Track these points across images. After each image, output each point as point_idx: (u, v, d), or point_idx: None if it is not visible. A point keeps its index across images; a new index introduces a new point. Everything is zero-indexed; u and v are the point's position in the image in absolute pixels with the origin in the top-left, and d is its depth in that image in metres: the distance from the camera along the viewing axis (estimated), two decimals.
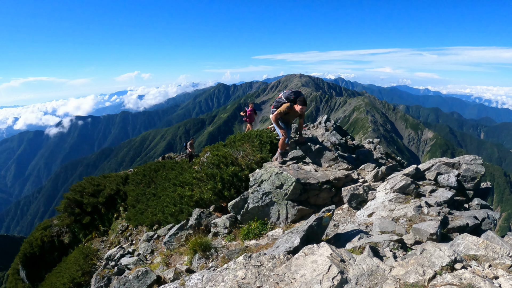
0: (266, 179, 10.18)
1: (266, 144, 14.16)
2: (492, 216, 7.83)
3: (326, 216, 6.08)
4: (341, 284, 4.11)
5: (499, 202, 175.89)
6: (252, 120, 24.77)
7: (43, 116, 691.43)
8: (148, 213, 16.73)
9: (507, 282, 3.95)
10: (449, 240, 5.80)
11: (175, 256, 10.21)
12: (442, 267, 4.12)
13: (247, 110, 24.50)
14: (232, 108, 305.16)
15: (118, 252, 13.30)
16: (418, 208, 7.42)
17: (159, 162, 29.99)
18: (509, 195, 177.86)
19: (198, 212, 11.35)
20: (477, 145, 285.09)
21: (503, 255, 4.46)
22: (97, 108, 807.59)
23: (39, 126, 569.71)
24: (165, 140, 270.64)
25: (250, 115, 24.48)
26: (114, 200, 25.25)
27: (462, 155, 10.92)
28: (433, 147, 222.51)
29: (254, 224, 9.59)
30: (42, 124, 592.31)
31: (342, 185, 10.30)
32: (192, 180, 13.74)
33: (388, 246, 5.59)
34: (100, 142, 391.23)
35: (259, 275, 4.50)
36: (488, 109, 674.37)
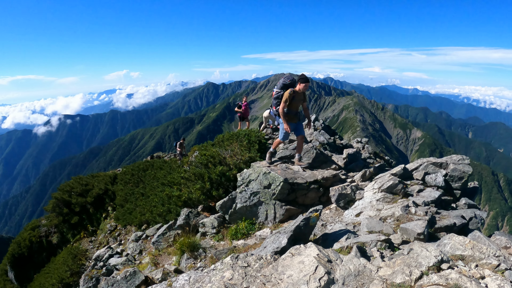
0: (254, 179, 10.17)
1: (254, 143, 14.16)
2: (479, 215, 7.87)
3: (313, 216, 6.07)
4: (328, 285, 4.10)
5: (487, 201, 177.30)
6: (247, 114, 24.67)
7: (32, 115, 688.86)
8: (136, 212, 16.67)
9: (494, 282, 3.97)
10: (436, 240, 5.81)
11: (164, 256, 10.18)
12: (429, 267, 4.12)
13: (242, 105, 24.31)
14: (221, 107, 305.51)
15: (106, 253, 13.24)
16: (406, 207, 7.44)
17: (147, 161, 29.89)
18: (496, 194, 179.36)
19: (187, 212, 11.32)
20: (465, 144, 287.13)
21: (490, 255, 4.48)
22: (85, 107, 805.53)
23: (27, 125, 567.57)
24: (154, 139, 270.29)
25: (245, 109, 24.36)
26: (102, 200, 25.15)
27: (450, 154, 10.99)
28: (421, 147, 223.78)
29: (242, 224, 9.57)
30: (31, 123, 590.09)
31: (330, 184, 10.32)
32: (180, 180, 13.73)
33: (376, 246, 5.59)
34: (89, 141, 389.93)
35: (246, 275, 4.49)
36: (476, 109, 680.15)
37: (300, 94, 10.63)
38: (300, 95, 10.65)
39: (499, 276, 4.07)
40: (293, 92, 10.40)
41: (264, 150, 14.92)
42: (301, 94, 10.64)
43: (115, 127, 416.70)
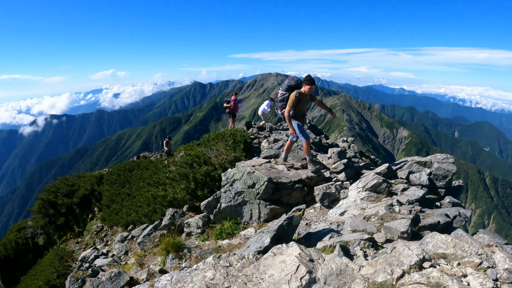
0: (238, 179, 10.13)
1: (239, 143, 14.14)
2: (463, 213, 7.90)
3: (296, 215, 6.06)
4: (310, 284, 4.09)
5: (473, 199, 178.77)
6: (236, 110, 24.66)
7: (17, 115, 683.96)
8: (122, 213, 16.59)
9: (476, 280, 3.98)
10: (420, 238, 5.82)
11: (149, 257, 10.13)
12: (411, 266, 4.13)
13: (231, 100, 24.25)
14: (208, 107, 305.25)
15: (92, 253, 13.16)
16: (390, 206, 7.44)
17: (133, 161, 29.76)
18: (483, 192, 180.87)
19: (172, 212, 11.28)
20: (451, 143, 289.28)
21: (472, 253, 4.49)
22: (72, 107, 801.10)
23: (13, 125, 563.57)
24: (141, 139, 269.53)
25: (234, 105, 24.30)
26: (88, 201, 25.02)
27: (436, 153, 11.03)
28: (408, 146, 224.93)
29: (227, 224, 9.55)
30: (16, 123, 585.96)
31: (315, 184, 10.31)
32: (166, 180, 13.67)
33: (359, 245, 5.58)
34: (75, 141, 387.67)
35: (228, 275, 4.47)
36: (462, 108, 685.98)
37: (306, 96, 10.38)
38: (306, 97, 10.39)
39: (481, 274, 4.09)
40: (299, 94, 10.15)
41: (249, 150, 14.89)
42: (307, 96, 10.37)
43: (101, 127, 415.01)
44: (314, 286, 4.10)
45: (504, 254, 4.40)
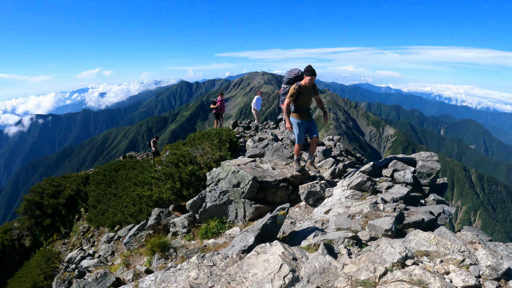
0: (223, 178, 10.13)
1: (225, 142, 14.14)
2: (447, 211, 7.94)
3: (280, 214, 6.06)
4: (293, 283, 4.09)
5: (459, 196, 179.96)
6: (223, 111, 24.40)
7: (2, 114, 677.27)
8: (109, 213, 16.53)
9: (458, 278, 4.00)
10: (405, 236, 5.84)
11: (135, 257, 10.10)
12: (393, 263, 4.14)
13: (218, 101, 24.00)
14: (195, 106, 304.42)
15: (78, 255, 13.12)
16: (374, 204, 7.47)
17: (119, 161, 29.65)
18: (468, 189, 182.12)
19: (157, 212, 11.26)
20: (437, 141, 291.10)
21: (455, 250, 4.50)
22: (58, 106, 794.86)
23: None
24: (127, 139, 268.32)
25: (221, 105, 24.02)
26: (75, 201, 24.89)
27: (422, 151, 11.09)
28: (394, 144, 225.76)
29: (213, 223, 9.55)
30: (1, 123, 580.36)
31: (300, 182, 10.35)
32: (151, 179, 13.64)
33: (343, 243, 5.59)
34: (61, 141, 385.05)
35: (211, 275, 4.47)
36: (448, 106, 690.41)
37: (309, 88, 9.72)
38: (309, 89, 9.74)
39: (464, 271, 4.11)
40: (299, 86, 9.58)
41: (235, 149, 14.88)
42: (309, 88, 9.72)
43: (87, 126, 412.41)
44: (297, 284, 4.10)
45: (486, 251, 4.42)
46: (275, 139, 15.88)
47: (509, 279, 4.16)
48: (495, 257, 4.28)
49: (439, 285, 3.67)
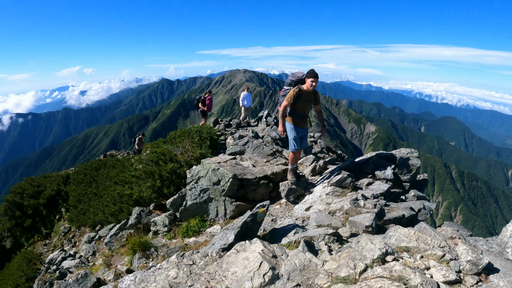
0: (203, 176, 10.10)
1: (206, 140, 14.11)
2: (428, 206, 7.99)
3: (260, 212, 6.04)
4: (273, 280, 4.07)
5: (440, 192, 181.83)
6: (211, 109, 24.00)
7: None
8: (90, 213, 16.38)
9: (439, 273, 4.02)
10: (385, 232, 5.85)
11: (116, 257, 10.03)
12: (373, 260, 4.15)
13: (207, 99, 23.45)
14: (176, 104, 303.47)
15: (59, 255, 12.99)
16: (355, 201, 7.48)
17: (100, 160, 29.43)
18: (449, 185, 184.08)
19: (138, 211, 11.16)
20: (418, 138, 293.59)
21: (435, 246, 4.52)
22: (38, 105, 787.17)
23: None
24: (108, 137, 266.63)
25: (209, 104, 23.56)
26: (55, 201, 24.61)
27: (404, 147, 11.13)
28: (375, 141, 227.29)
29: (193, 222, 9.52)
30: None
31: (280, 179, 10.36)
32: (132, 178, 13.54)
33: (324, 240, 5.59)
34: (42, 140, 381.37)
35: (191, 274, 4.43)
36: (428, 104, 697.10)
37: (309, 94, 9.04)
38: (309, 94, 9.05)
39: (444, 266, 4.13)
40: (300, 90, 8.91)
41: (215, 146, 14.85)
42: (310, 93, 9.04)
43: (68, 125, 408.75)
44: (277, 282, 4.08)
45: (466, 246, 4.44)
46: (256, 136, 15.87)
47: (490, 273, 4.20)
48: (475, 252, 4.30)
49: (420, 281, 3.67)
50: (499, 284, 4.02)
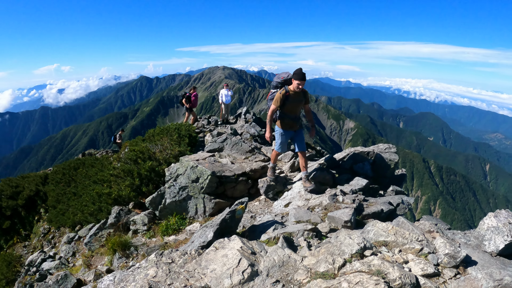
0: (181, 173, 10.08)
1: (184, 137, 14.08)
2: (406, 201, 8.05)
3: (239, 208, 6.05)
4: (252, 277, 4.07)
5: (419, 186, 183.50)
6: (196, 105, 23.27)
7: None
8: (69, 213, 16.23)
9: (417, 266, 4.05)
10: (364, 227, 5.88)
11: (97, 257, 9.98)
12: (352, 254, 4.17)
13: (192, 96, 22.77)
14: (155, 102, 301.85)
15: (39, 257, 12.86)
16: (333, 196, 7.52)
17: (79, 159, 29.22)
18: (428, 180, 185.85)
19: (117, 210, 11.09)
20: (396, 133, 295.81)
21: (413, 240, 4.55)
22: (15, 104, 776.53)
23: None
24: (87, 136, 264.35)
25: (194, 100, 22.87)
26: (34, 202, 24.34)
27: (383, 143, 11.18)
28: (354, 136, 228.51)
29: (173, 220, 9.50)
30: None
31: (259, 176, 10.38)
32: (110, 177, 13.45)
33: (303, 236, 5.61)
34: (19, 140, 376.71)
35: (170, 272, 4.41)
36: (407, 100, 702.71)
37: (298, 94, 8.57)
38: (298, 95, 8.58)
39: (423, 260, 4.17)
40: (286, 91, 8.47)
41: (194, 144, 14.81)
42: (298, 94, 8.57)
43: (46, 124, 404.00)
44: (257, 279, 4.08)
45: (444, 240, 4.48)
46: (234, 133, 15.88)
47: (468, 266, 4.24)
48: (453, 245, 4.34)
49: (398, 275, 3.70)
50: (477, 276, 4.05)
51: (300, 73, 8.21)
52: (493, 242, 4.80)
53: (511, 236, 4.70)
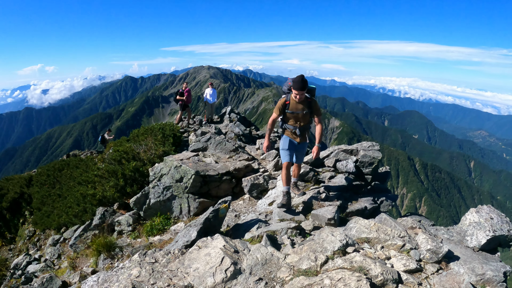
0: (165, 173, 10.07)
1: (169, 137, 14.05)
2: (389, 198, 8.10)
3: (222, 207, 6.06)
4: (235, 275, 4.09)
5: (404, 184, 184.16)
6: (190, 101, 22.90)
7: None
8: (54, 215, 16.12)
9: (399, 262, 4.08)
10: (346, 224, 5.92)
11: (82, 259, 9.94)
12: (334, 251, 4.19)
13: (184, 91, 22.44)
14: (140, 102, 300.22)
15: (24, 260, 12.79)
16: (317, 194, 7.53)
17: (63, 160, 29.03)
18: (413, 177, 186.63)
19: (102, 211, 11.06)
20: (382, 132, 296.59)
21: (395, 236, 4.59)
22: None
23: None
24: (71, 137, 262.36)
25: (188, 96, 22.49)
26: (19, 204, 24.15)
27: (368, 141, 11.23)
28: (340, 135, 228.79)
29: (157, 220, 9.49)
30: None
31: (243, 175, 10.42)
32: (94, 178, 13.38)
33: (286, 234, 5.64)
34: (3, 141, 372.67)
35: (153, 272, 4.41)
36: (391, 98, 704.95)
37: (301, 104, 7.39)
38: (301, 104, 7.40)
39: (405, 256, 4.21)
40: (287, 100, 7.42)
41: (179, 144, 14.78)
42: (302, 103, 7.39)
43: (30, 125, 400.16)
44: (240, 277, 4.09)
45: (426, 236, 4.52)
46: (218, 132, 15.87)
47: (450, 261, 4.30)
48: (434, 241, 4.39)
49: (380, 271, 3.73)
50: (460, 271, 4.10)
51: (298, 81, 6.95)
52: (475, 237, 4.86)
53: (492, 231, 4.76)
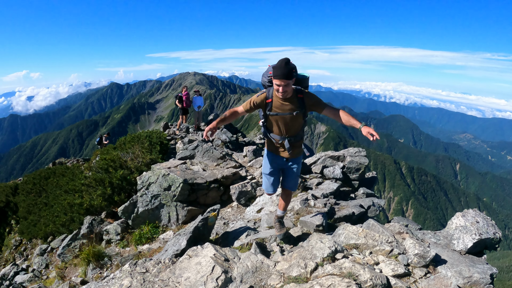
0: (153, 182, 10.05)
1: (156, 145, 14.02)
2: (377, 203, 8.16)
3: (211, 216, 6.08)
4: (226, 284, 4.11)
5: (391, 188, 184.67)
6: (189, 105, 22.72)
7: None
8: (41, 224, 15.99)
9: (388, 267, 4.13)
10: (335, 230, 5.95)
11: (70, 268, 9.87)
12: (323, 258, 4.22)
13: (183, 95, 22.33)
14: (126, 108, 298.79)
15: (11, 270, 12.67)
16: (305, 201, 7.57)
17: (49, 168, 28.80)
18: (400, 181, 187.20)
19: (90, 220, 11.00)
20: None
21: (383, 241, 4.63)
22: None
23: None
24: (57, 144, 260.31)
25: (187, 99, 22.39)
26: (4, 213, 23.91)
27: (354, 146, 11.30)
28: (326, 140, 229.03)
29: (146, 228, 9.46)
30: None
31: (231, 183, 10.43)
32: (82, 186, 13.32)
33: (275, 241, 5.65)
34: None
35: (145, 281, 4.42)
36: (377, 103, 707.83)
37: (290, 101, 5.17)
38: (290, 102, 5.17)
39: (393, 261, 4.25)
40: (268, 97, 5.21)
41: (166, 151, 14.75)
42: (292, 99, 5.17)
43: (15, 132, 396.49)
44: (231, 285, 4.12)
45: (414, 240, 4.58)
46: (206, 140, 15.86)
47: (437, 265, 4.35)
48: (422, 245, 4.44)
49: (369, 276, 3.77)
50: (447, 274, 4.16)
51: (281, 66, 4.74)
52: (461, 241, 4.93)
53: (479, 234, 4.83)
